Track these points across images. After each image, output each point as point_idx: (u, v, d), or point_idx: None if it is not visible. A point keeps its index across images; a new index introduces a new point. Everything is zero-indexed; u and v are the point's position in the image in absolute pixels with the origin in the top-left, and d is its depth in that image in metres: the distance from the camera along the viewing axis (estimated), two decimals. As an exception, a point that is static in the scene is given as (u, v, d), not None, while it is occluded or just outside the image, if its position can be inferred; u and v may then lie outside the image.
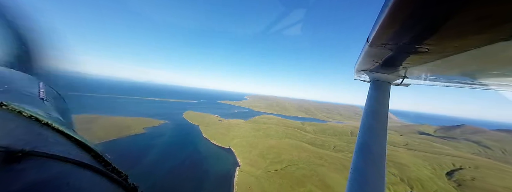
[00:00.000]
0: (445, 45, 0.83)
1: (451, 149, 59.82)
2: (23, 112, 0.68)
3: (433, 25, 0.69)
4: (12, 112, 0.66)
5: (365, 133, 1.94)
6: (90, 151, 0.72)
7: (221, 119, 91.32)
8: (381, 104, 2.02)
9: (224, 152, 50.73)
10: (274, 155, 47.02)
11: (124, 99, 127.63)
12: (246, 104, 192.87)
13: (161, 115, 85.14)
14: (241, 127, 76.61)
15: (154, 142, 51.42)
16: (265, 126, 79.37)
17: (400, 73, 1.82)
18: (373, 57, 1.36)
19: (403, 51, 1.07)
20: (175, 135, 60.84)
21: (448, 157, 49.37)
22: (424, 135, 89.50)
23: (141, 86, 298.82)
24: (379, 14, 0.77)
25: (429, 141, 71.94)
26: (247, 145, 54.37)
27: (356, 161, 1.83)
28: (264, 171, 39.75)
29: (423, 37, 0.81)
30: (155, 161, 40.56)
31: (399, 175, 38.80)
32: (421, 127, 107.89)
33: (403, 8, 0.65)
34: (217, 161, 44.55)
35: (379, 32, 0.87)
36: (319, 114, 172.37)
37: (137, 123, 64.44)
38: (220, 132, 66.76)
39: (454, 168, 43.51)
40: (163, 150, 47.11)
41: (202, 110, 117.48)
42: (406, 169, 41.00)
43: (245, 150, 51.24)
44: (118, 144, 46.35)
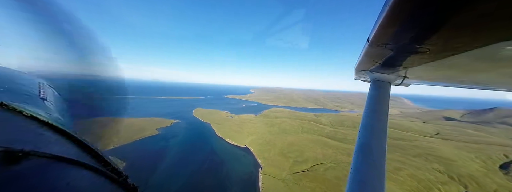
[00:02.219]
0: (445, 45, 0.84)
1: (492, 137, 53.45)
2: (23, 111, 0.68)
3: (433, 25, 0.69)
4: (12, 112, 0.66)
5: (365, 133, 1.92)
6: (90, 151, 0.72)
7: (232, 115, 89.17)
8: (381, 104, 2.02)
9: (241, 152, 47.86)
10: (296, 153, 43.44)
11: (131, 99, 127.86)
12: (253, 98, 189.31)
13: (172, 114, 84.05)
14: (253, 122, 73.48)
15: (169, 144, 49.71)
16: (278, 120, 75.73)
17: (400, 73, 1.82)
18: (373, 57, 1.36)
19: (403, 51, 1.07)
20: (189, 134, 59.15)
21: (495, 147, 43.60)
22: (452, 121, 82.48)
23: (147, 85, 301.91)
24: (379, 14, 0.76)
25: (461, 128, 65.55)
26: (264, 143, 51.10)
27: (356, 161, 1.82)
28: (289, 172, 36.38)
29: (423, 37, 0.81)
30: (173, 166, 38.46)
31: (446, 172, 33.99)
32: (446, 112, 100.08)
33: (403, 8, 0.65)
34: (236, 162, 41.72)
35: (379, 32, 0.87)
36: (329, 104, 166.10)
37: (149, 124, 63.44)
38: (233, 129, 63.90)
39: (508, 160, 37.96)
40: (179, 153, 45.03)
41: (210, 106, 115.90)
42: (452, 164, 36.07)
43: (263, 148, 48.02)
44: (134, 149, 44.70)
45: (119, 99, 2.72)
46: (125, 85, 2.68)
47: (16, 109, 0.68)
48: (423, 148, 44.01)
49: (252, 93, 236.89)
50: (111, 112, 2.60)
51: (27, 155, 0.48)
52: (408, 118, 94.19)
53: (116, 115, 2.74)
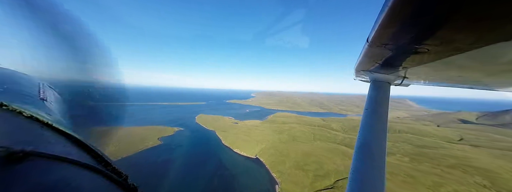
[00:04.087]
0: (445, 45, 0.83)
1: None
2: (24, 112, 0.68)
3: (433, 25, 0.69)
4: (13, 112, 0.66)
5: (365, 133, 1.93)
6: (90, 151, 0.72)
7: (236, 121, 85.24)
8: (381, 104, 2.02)
9: (252, 164, 43.51)
10: (314, 166, 39.15)
11: (130, 105, 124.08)
12: (255, 102, 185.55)
13: (174, 121, 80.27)
14: (260, 129, 69.35)
15: (173, 156, 45.42)
16: (287, 126, 71.66)
17: (400, 73, 1.83)
18: (373, 57, 1.36)
19: (403, 52, 1.07)
20: (193, 144, 55.03)
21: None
22: (468, 124, 78.39)
23: (146, 91, 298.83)
24: (379, 14, 0.76)
25: (482, 132, 61.44)
26: (276, 153, 46.83)
27: (356, 161, 1.82)
28: (312, 189, 32.05)
29: (423, 38, 0.81)
30: (179, 184, 34.13)
31: (494, 188, 29.74)
32: (459, 115, 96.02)
33: (403, 8, 0.65)
34: (249, 178, 37.34)
35: (379, 32, 0.87)
36: (334, 108, 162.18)
37: (151, 133, 59.53)
38: (240, 137, 59.71)
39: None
40: (185, 167, 40.73)
41: (213, 112, 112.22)
42: (496, 178, 31.82)
43: (276, 160, 43.72)
44: (134, 163, 40.33)
45: (119, 105, 2.48)
46: (125, 90, 2.46)
47: (16, 109, 0.67)
48: (455, 157, 39.79)
49: (254, 98, 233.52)
50: (110, 118, 2.33)
51: (28, 155, 0.48)
52: (420, 121, 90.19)
53: (115, 123, 2.47)
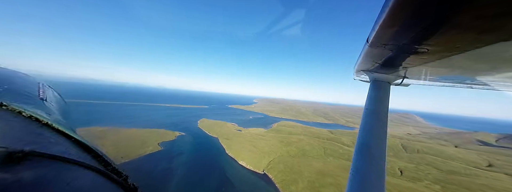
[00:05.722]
0: (445, 45, 0.84)
1: None
2: (23, 112, 0.68)
3: (433, 26, 0.69)
4: (12, 112, 0.66)
5: (365, 133, 1.93)
6: (90, 151, 0.73)
7: (240, 128, 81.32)
8: (381, 104, 2.03)
9: (260, 182, 39.07)
10: (332, 189, 34.71)
11: (135, 105, 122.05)
12: (258, 108, 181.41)
13: (176, 125, 76.85)
14: (266, 139, 65.05)
15: (172, 165, 41.42)
16: (294, 138, 67.24)
17: (400, 73, 1.83)
18: (373, 57, 1.37)
19: (403, 52, 1.07)
20: (195, 152, 51.02)
21: None
22: (488, 146, 72.69)
23: (151, 91, 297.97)
24: (379, 14, 0.76)
25: (509, 157, 56.02)
26: (286, 170, 42.41)
27: (356, 161, 1.82)
28: (332, 219, 27.48)
29: (423, 38, 0.82)
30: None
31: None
32: (477, 135, 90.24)
33: (403, 8, 0.65)
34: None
35: (379, 32, 0.87)
36: (340, 119, 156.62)
37: (151, 137, 56.16)
38: (245, 147, 55.52)
39: None
40: (186, 179, 36.60)
41: (215, 116, 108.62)
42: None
43: (287, 178, 39.29)
44: (133, 168, 36.56)
45: (119, 105, 1.95)
46: (127, 90, 1.62)
47: (16, 109, 0.67)
48: (494, 189, 34.88)
49: (256, 104, 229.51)
50: (110, 118, 2.11)
51: (27, 155, 0.48)
52: (434, 139, 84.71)
53: (116, 123, 2.40)
